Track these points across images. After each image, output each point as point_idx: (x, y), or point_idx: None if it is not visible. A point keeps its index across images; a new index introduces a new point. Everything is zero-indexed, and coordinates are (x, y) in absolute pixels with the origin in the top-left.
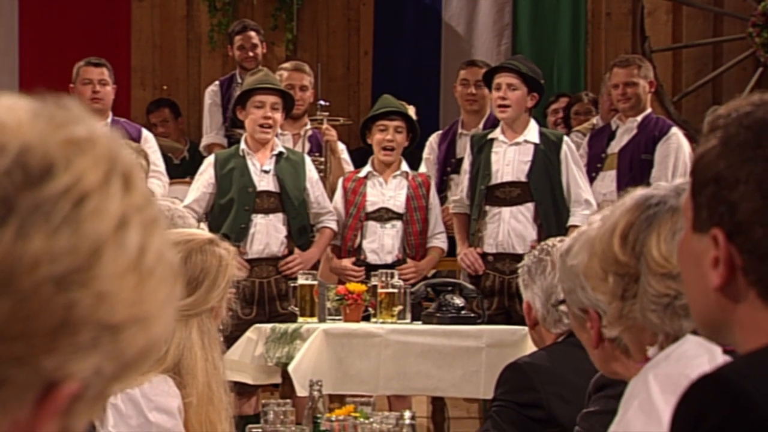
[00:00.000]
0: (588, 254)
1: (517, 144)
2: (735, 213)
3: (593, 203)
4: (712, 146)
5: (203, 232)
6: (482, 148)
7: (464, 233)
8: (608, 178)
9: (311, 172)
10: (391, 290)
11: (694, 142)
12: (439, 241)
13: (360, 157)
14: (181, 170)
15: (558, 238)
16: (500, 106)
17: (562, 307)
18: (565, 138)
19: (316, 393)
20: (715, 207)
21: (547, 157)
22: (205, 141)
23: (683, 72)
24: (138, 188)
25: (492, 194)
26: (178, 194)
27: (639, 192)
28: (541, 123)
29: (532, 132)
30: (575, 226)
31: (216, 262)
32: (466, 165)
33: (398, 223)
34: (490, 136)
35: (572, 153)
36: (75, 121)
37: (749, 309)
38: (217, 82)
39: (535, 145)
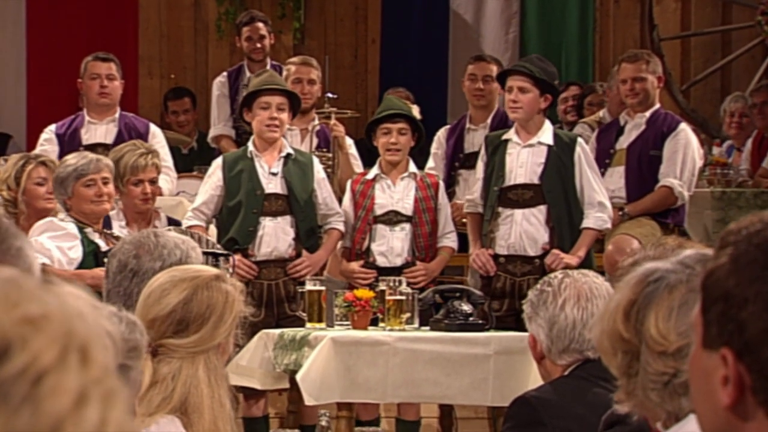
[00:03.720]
0: (599, 330)
1: (531, 146)
2: (744, 332)
3: (608, 205)
4: (722, 263)
5: (209, 268)
6: (497, 149)
7: (477, 234)
8: (617, 174)
9: (319, 173)
10: (399, 297)
11: (703, 130)
12: (450, 241)
13: (365, 148)
14: (189, 161)
15: (561, 272)
16: (511, 108)
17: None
18: (579, 140)
19: (324, 423)
20: (724, 325)
21: (560, 159)
22: (213, 132)
23: (692, 60)
24: (96, 361)
25: (505, 196)
26: (186, 188)
27: (646, 266)
28: (553, 110)
29: (546, 133)
30: (589, 228)
31: (222, 298)
32: (480, 166)
33: (407, 226)
34: (505, 137)
35: (586, 155)
36: (29, 298)
37: (758, 429)
38: (225, 74)
39: (549, 146)
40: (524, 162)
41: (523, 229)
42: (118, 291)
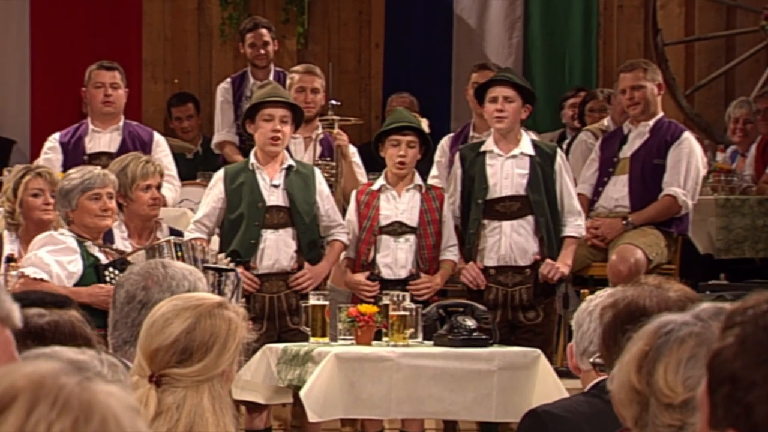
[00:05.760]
0: (618, 382)
1: (514, 157)
2: (751, 415)
3: (582, 213)
4: (729, 344)
5: (212, 295)
6: (474, 160)
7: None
8: (620, 183)
9: (321, 185)
10: (402, 313)
11: (707, 135)
12: (452, 254)
13: (368, 153)
14: (193, 166)
15: (607, 290)
16: (497, 117)
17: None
18: (558, 150)
19: None
20: (730, 407)
21: (543, 169)
22: (216, 138)
23: (696, 65)
24: None
25: (491, 208)
26: (189, 196)
27: (661, 318)
28: (557, 115)
29: (526, 144)
30: (572, 237)
31: (225, 326)
32: (457, 179)
33: (411, 237)
34: (483, 148)
35: (565, 164)
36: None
37: None
38: (228, 80)
39: (531, 157)
40: (509, 173)
41: (513, 241)
42: (125, 322)
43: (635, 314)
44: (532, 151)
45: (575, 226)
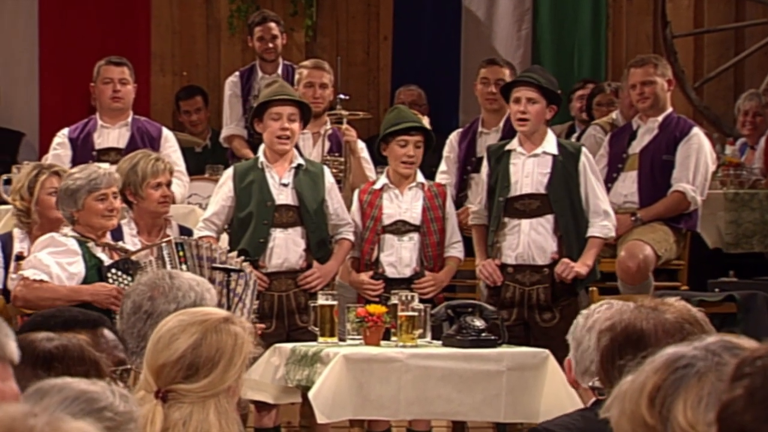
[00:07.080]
0: (618, 411)
1: (536, 155)
2: None
3: (611, 214)
4: (738, 396)
5: (218, 310)
6: (500, 159)
7: (483, 245)
8: (629, 179)
9: (330, 184)
10: (411, 313)
11: (716, 128)
12: (456, 251)
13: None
14: (202, 159)
15: (607, 301)
16: (520, 120)
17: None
18: (584, 149)
19: None
20: None
21: (565, 168)
22: (225, 132)
23: (705, 57)
24: None
25: (511, 206)
26: (197, 191)
27: (669, 350)
28: (566, 108)
29: (551, 143)
30: (596, 237)
31: (231, 341)
32: (484, 176)
33: (415, 236)
34: (508, 147)
35: (590, 164)
36: None
37: None
38: (237, 73)
39: (554, 156)
40: (530, 172)
41: (531, 239)
42: (131, 332)
43: (632, 337)
44: (555, 151)
45: (600, 226)
